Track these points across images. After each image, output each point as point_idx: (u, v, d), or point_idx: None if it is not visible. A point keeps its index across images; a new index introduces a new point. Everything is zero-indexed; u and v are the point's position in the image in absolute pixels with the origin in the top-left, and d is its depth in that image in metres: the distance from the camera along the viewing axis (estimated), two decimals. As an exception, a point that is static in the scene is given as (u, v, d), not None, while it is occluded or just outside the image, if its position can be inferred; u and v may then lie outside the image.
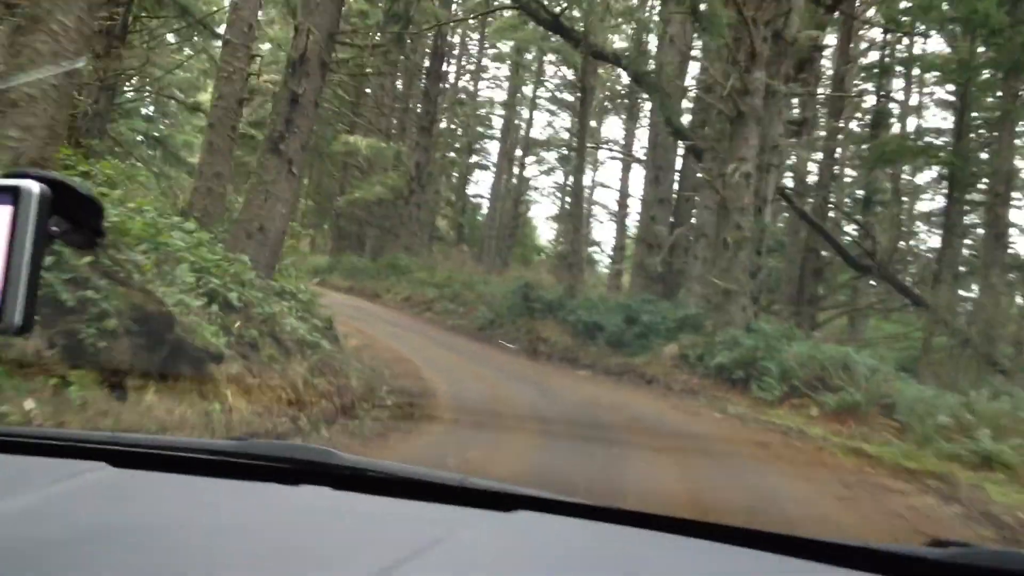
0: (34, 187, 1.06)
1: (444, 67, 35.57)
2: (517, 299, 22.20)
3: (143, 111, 27.96)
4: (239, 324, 7.34)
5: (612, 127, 74.97)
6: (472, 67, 48.51)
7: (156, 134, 26.53)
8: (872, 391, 12.86)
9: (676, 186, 26.94)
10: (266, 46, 27.97)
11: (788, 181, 28.36)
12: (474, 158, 50.52)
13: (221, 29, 15.93)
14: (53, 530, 1.36)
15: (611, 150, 46.69)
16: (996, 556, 1.38)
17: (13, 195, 1.06)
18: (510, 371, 15.69)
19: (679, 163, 27.19)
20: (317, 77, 9.86)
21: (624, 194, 44.05)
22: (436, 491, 1.71)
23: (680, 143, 23.87)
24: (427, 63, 34.39)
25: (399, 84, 38.54)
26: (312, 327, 9.33)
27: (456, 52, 44.86)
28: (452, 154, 48.10)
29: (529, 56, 42.89)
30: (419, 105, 35.10)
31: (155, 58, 22.93)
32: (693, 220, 24.76)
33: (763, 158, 16.97)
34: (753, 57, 16.44)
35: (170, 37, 21.15)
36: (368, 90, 36.84)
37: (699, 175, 19.89)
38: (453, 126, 47.21)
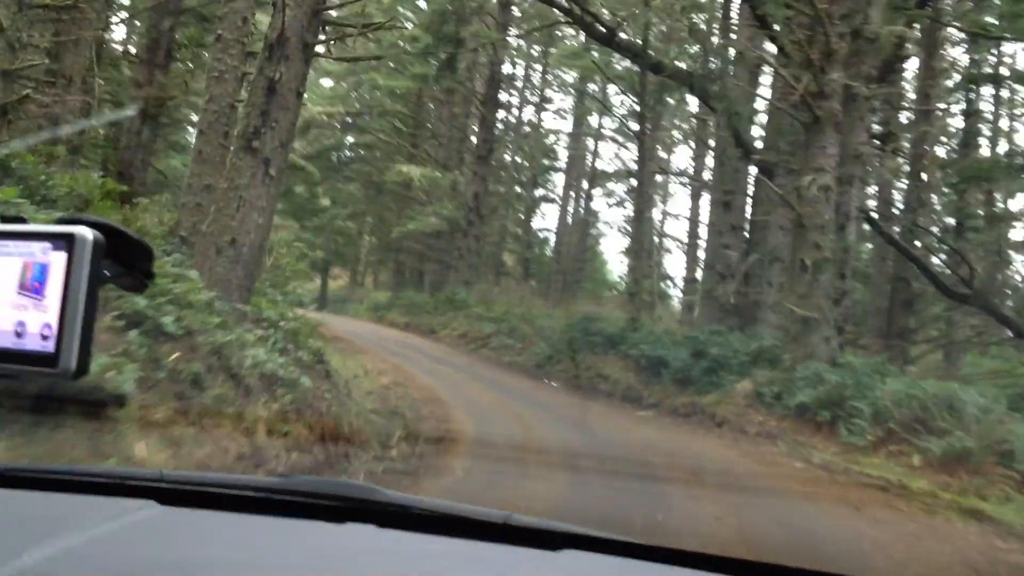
0: (88, 234, 1.10)
1: (501, 95, 34.04)
2: (576, 333, 20.36)
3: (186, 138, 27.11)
4: (176, 356, 5.75)
5: (681, 157, 72.83)
6: (536, 98, 47.15)
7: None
8: (985, 435, 10.65)
9: (748, 211, 24.86)
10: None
11: (871, 202, 26.05)
12: (540, 191, 49.08)
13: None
14: (102, 570, 1.40)
15: (676, 176, 44.75)
16: None
17: (68, 242, 1.10)
18: (558, 411, 13.88)
19: (751, 188, 25.12)
20: (298, 61, 8.30)
21: (694, 223, 41.93)
22: (481, 528, 1.71)
23: (751, 166, 21.90)
24: (484, 90, 32.97)
25: (455, 110, 37.26)
26: (292, 361, 7.67)
27: (519, 83, 43.58)
28: (518, 188, 46.75)
29: (594, 87, 41.29)
30: (476, 134, 33.67)
31: (195, 84, 21.87)
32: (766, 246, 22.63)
33: (844, 169, 14.91)
34: (828, 56, 14.47)
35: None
36: (429, 124, 35.72)
37: (773, 194, 17.85)
38: (518, 159, 45.86)
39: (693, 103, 32.28)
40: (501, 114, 37.70)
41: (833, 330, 14.49)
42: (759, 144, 22.06)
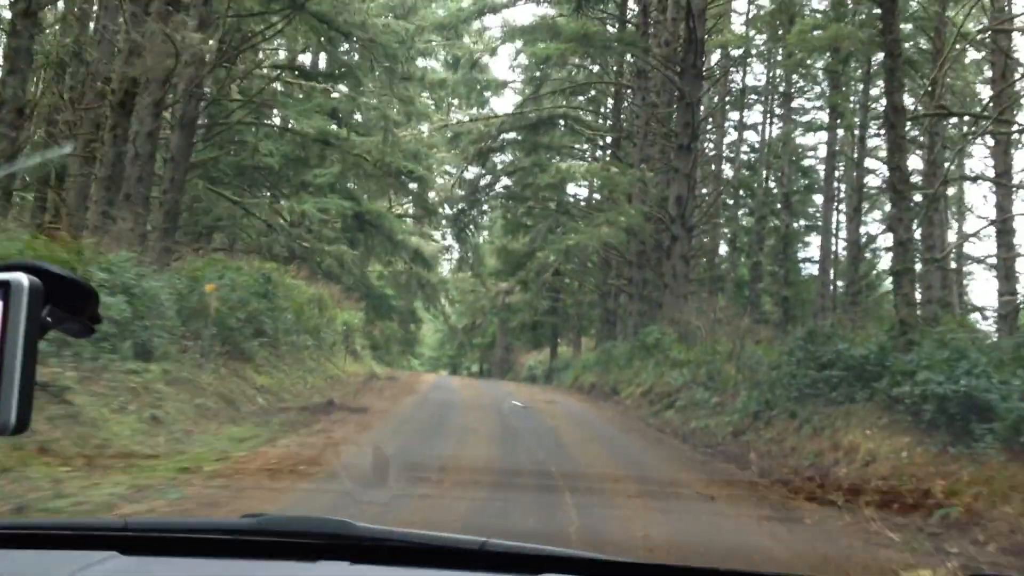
0: (24, 280, 1.03)
1: (704, 59, 24.44)
2: (794, 365, 10.71)
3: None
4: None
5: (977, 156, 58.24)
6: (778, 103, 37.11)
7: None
8: None
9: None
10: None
11: None
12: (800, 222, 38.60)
13: None
14: None
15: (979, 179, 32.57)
16: None
17: (3, 289, 1.03)
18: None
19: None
20: None
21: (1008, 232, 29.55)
22: (457, 557, 1.63)
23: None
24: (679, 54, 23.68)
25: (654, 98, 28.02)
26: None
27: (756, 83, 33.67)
28: (775, 221, 36.72)
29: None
30: (674, 117, 24.40)
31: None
32: None
33: None
34: None
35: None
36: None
37: None
38: (772, 184, 36.18)
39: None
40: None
41: None
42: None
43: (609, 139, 28.91)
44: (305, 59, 29.68)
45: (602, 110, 28.80)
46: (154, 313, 9.48)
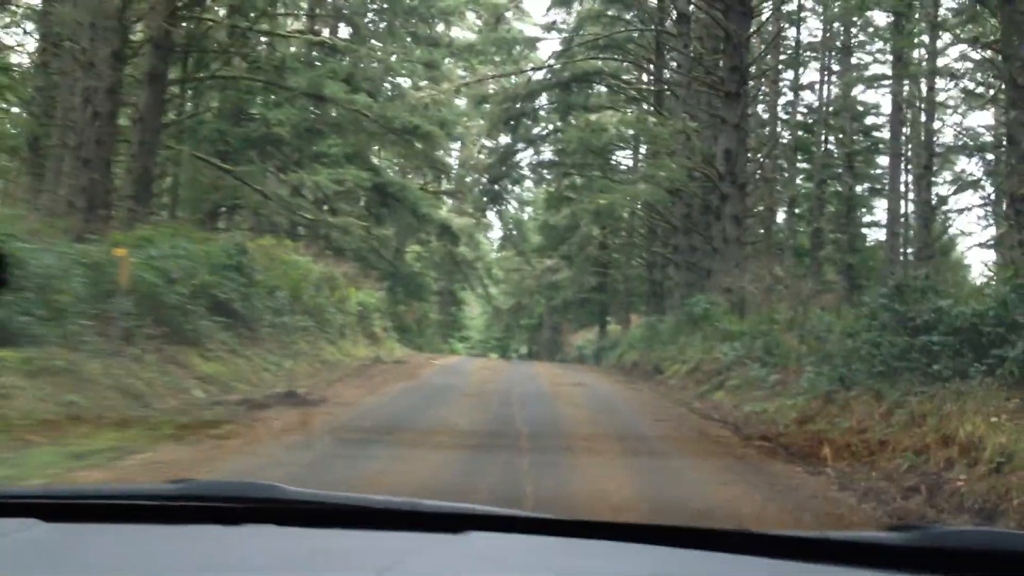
0: None
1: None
2: (876, 329, 8.03)
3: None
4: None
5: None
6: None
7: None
8: None
9: None
10: None
11: None
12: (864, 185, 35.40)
13: None
14: None
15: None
16: (955, 536, 1.36)
17: None
18: None
19: None
20: None
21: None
22: (386, 518, 1.59)
23: None
24: None
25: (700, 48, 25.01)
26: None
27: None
28: (835, 184, 33.64)
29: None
30: (720, 63, 21.48)
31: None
32: None
33: None
34: None
35: None
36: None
37: None
38: (831, 144, 33.33)
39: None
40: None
41: None
42: None
43: (651, 98, 26.04)
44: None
45: (642, 66, 25.86)
46: (39, 288, 7.23)
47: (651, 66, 24.38)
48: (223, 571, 1.37)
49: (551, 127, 30.27)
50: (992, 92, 25.68)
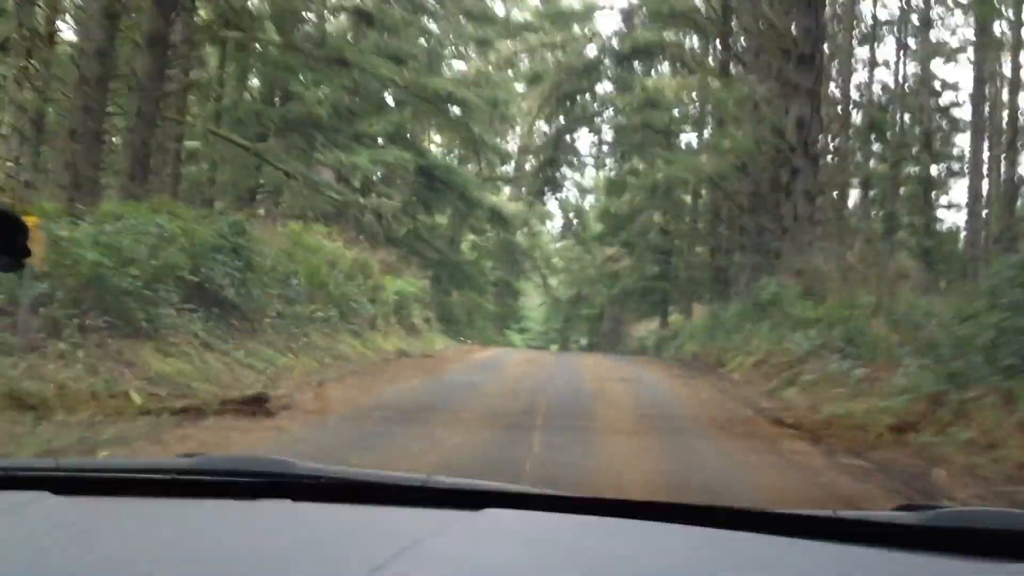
0: None
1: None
2: (1001, 312, 5.93)
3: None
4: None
5: None
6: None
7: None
8: None
9: None
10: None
11: None
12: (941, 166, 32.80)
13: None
14: None
15: None
16: (967, 516, 1.32)
17: None
18: None
19: None
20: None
21: None
22: (400, 494, 1.57)
23: None
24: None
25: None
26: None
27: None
28: (912, 168, 31.20)
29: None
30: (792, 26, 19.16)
31: None
32: None
33: None
34: None
35: None
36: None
37: None
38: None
39: None
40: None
41: None
42: None
43: (716, 69, 23.77)
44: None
45: (707, 36, 23.55)
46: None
47: (717, 37, 22.11)
48: (244, 543, 1.33)
49: (610, 108, 28.27)
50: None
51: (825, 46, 20.93)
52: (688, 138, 28.06)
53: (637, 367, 15.69)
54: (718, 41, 21.96)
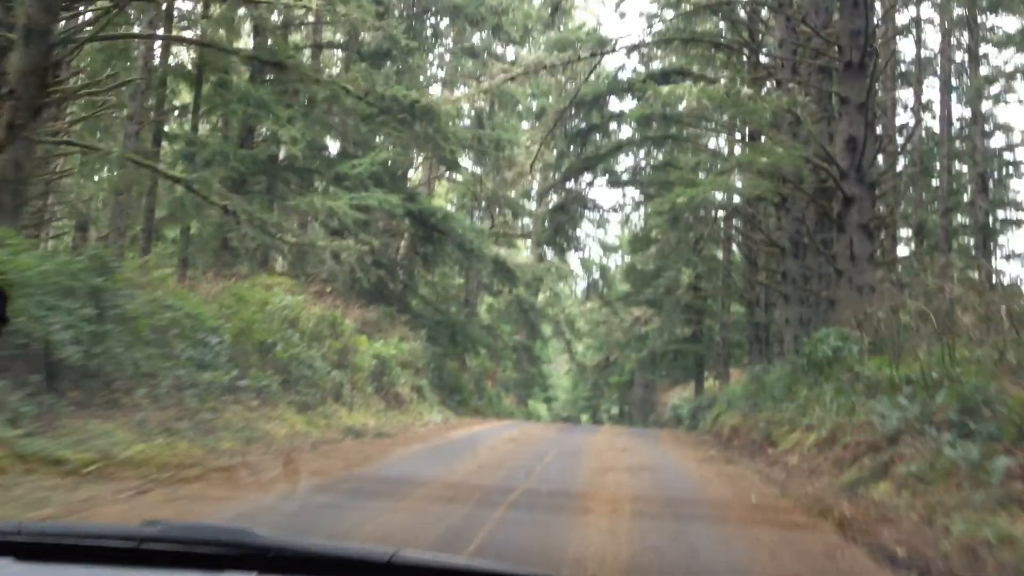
0: None
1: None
2: None
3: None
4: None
5: None
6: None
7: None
8: None
9: None
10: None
11: None
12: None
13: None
14: None
15: None
16: None
17: None
18: None
19: None
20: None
21: None
22: (366, 569, 1.54)
23: None
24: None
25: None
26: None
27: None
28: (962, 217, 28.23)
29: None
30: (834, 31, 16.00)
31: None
32: None
33: None
34: None
35: None
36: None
37: None
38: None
39: None
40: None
41: None
42: None
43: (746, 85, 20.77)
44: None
45: (734, 51, 20.52)
46: None
47: (745, 50, 19.02)
48: None
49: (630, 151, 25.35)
50: None
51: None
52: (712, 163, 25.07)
53: (661, 446, 12.30)
54: (745, 59, 18.97)
